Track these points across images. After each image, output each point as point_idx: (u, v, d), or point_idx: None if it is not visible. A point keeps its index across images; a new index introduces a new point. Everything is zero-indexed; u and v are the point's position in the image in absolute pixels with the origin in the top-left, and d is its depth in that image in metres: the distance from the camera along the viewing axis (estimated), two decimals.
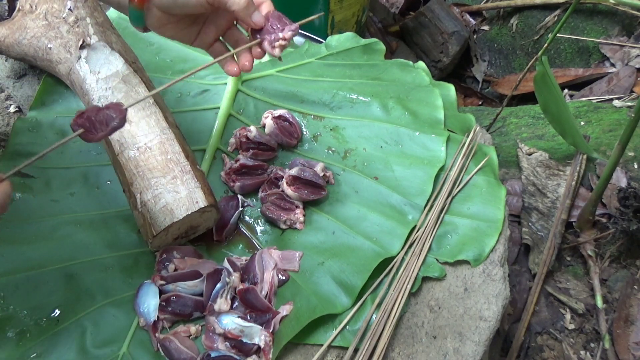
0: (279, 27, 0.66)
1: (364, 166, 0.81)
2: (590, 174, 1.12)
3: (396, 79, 0.93)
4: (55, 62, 0.85)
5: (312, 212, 0.78)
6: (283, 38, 0.66)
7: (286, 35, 0.66)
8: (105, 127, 0.59)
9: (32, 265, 0.71)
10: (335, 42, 1.00)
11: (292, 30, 0.66)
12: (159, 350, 0.67)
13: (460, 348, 0.68)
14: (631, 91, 1.43)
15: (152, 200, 0.70)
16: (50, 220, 0.76)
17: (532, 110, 1.33)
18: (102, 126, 0.59)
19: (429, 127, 0.84)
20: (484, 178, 0.81)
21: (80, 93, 0.83)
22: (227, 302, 0.69)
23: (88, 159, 0.83)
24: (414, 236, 0.75)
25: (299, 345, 0.67)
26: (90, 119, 0.59)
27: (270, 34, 0.66)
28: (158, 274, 0.71)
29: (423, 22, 1.82)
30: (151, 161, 0.72)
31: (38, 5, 0.89)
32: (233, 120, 0.88)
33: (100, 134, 0.59)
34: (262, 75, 0.92)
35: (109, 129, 0.59)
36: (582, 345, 0.99)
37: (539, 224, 1.08)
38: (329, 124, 0.86)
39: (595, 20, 1.61)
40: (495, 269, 0.74)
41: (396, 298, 0.70)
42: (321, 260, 0.73)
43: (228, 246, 0.77)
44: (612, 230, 1.03)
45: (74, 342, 0.66)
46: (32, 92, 0.97)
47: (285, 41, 0.66)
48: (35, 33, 0.87)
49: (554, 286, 1.05)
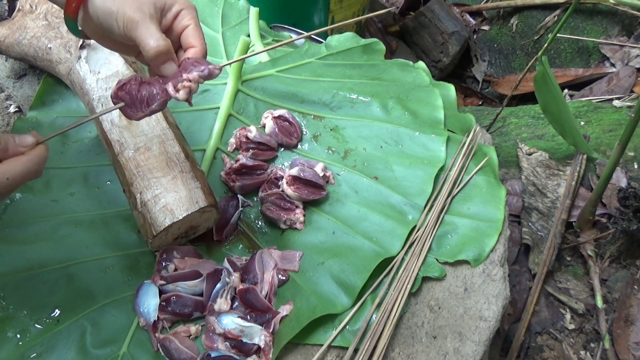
0: (190, 69, 0.59)
1: (364, 166, 0.81)
2: (590, 174, 1.12)
3: (396, 79, 0.93)
4: (55, 62, 0.85)
5: (312, 212, 0.78)
6: (187, 79, 0.59)
7: (191, 77, 0.58)
8: (145, 107, 0.57)
9: (32, 265, 0.71)
10: (335, 42, 1.00)
11: (200, 70, 0.58)
12: (159, 350, 0.67)
13: (460, 348, 0.68)
14: (631, 91, 1.43)
15: (152, 200, 0.70)
16: (50, 220, 0.76)
17: (532, 110, 1.33)
18: (142, 105, 0.57)
19: (429, 127, 0.84)
20: (484, 178, 0.81)
21: (80, 93, 0.83)
22: (227, 302, 0.69)
23: (88, 159, 0.83)
24: (414, 236, 0.75)
25: (299, 345, 0.67)
26: (132, 94, 0.57)
27: (176, 77, 0.59)
28: (158, 274, 0.71)
29: (423, 22, 1.82)
30: (151, 161, 0.72)
31: (38, 5, 0.89)
32: (233, 120, 0.88)
33: (140, 114, 0.57)
34: (262, 75, 0.92)
35: (149, 110, 0.57)
36: (582, 345, 0.99)
37: (539, 224, 1.08)
38: (329, 124, 0.86)
39: (595, 20, 1.61)
40: (495, 269, 0.74)
41: (396, 298, 0.70)
42: (321, 260, 0.73)
43: (228, 246, 0.77)
44: (612, 230, 1.03)
45: (74, 342, 0.66)
46: (32, 92, 0.97)
47: (190, 82, 0.59)
48: (35, 33, 0.87)
49: (554, 286, 1.05)
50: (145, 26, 0.57)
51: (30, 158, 0.54)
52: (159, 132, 0.75)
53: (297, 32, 1.21)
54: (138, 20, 0.57)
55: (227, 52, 0.97)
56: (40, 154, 0.56)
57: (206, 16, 1.03)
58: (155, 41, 0.58)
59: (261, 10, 1.02)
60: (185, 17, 0.61)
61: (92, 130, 0.85)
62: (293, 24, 1.26)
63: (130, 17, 0.57)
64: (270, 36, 1.08)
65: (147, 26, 0.58)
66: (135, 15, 0.57)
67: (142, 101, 0.57)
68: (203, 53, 0.61)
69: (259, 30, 1.00)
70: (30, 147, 0.55)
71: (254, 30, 1.00)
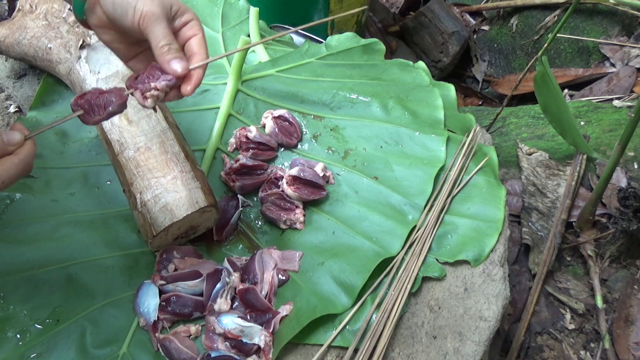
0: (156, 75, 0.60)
1: (364, 166, 0.81)
2: (590, 174, 1.12)
3: (396, 79, 0.93)
4: (55, 62, 0.85)
5: (312, 212, 0.78)
6: (155, 88, 0.59)
7: (158, 85, 0.59)
8: (103, 110, 0.59)
9: (32, 265, 0.71)
10: (335, 42, 1.00)
11: (167, 80, 0.59)
12: (159, 350, 0.67)
13: (460, 348, 0.68)
14: (631, 91, 1.43)
15: (152, 200, 0.70)
16: (50, 220, 0.76)
17: (532, 110, 1.33)
18: (100, 110, 0.59)
19: (429, 127, 0.84)
20: (484, 178, 0.81)
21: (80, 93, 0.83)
22: (227, 302, 0.69)
23: (88, 159, 0.83)
24: (414, 236, 0.75)
25: (299, 345, 0.67)
26: (90, 102, 0.59)
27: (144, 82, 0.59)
28: (158, 274, 0.71)
29: (423, 22, 1.82)
30: (151, 161, 0.72)
31: (38, 5, 0.89)
32: (233, 120, 0.88)
33: (97, 117, 0.59)
34: (262, 75, 0.92)
35: (106, 113, 0.59)
36: (582, 345, 0.99)
37: (539, 224, 1.08)
38: (329, 124, 0.86)
39: (595, 20, 1.61)
40: (495, 269, 0.74)
41: (396, 298, 0.70)
42: (321, 260, 0.73)
43: (228, 246, 0.77)
44: (612, 230, 1.03)
45: (74, 342, 0.66)
46: (32, 92, 0.97)
47: (157, 91, 0.59)
48: (35, 33, 0.87)
49: (554, 286, 1.05)
50: (163, 23, 0.59)
51: (21, 158, 0.54)
52: (159, 132, 0.75)
53: (297, 33, 1.21)
54: (158, 15, 0.58)
55: (227, 52, 0.97)
56: (29, 151, 0.55)
57: (206, 16, 1.03)
58: (170, 40, 0.59)
59: (261, 10, 1.02)
60: (195, 27, 0.63)
61: (92, 130, 0.85)
62: (293, 24, 1.26)
63: (150, 10, 0.58)
64: (270, 36, 1.08)
65: (164, 24, 0.59)
66: (155, 10, 0.58)
67: (100, 106, 0.59)
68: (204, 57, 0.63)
69: (259, 30, 1.00)
70: (19, 145, 0.55)
71: (254, 30, 0.99)
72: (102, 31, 0.64)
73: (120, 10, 0.59)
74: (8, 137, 0.54)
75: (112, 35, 0.64)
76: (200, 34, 0.63)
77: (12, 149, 0.54)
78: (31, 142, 0.56)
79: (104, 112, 0.59)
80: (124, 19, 0.59)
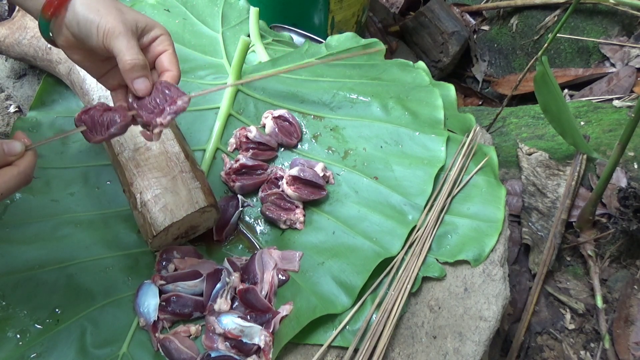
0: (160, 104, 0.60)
1: (364, 166, 0.81)
2: (590, 174, 1.12)
3: (396, 79, 0.93)
4: (55, 62, 0.85)
5: (312, 212, 0.78)
6: (160, 124, 0.60)
7: (164, 122, 0.60)
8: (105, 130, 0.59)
9: (32, 265, 0.71)
10: (335, 42, 1.00)
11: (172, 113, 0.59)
12: (159, 350, 0.67)
13: (460, 348, 0.68)
14: (631, 91, 1.43)
15: (152, 200, 0.70)
16: (50, 220, 0.76)
17: (532, 110, 1.33)
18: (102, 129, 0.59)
19: (429, 127, 0.84)
20: (484, 178, 0.81)
21: (80, 93, 0.83)
22: (227, 302, 0.69)
23: (88, 159, 0.83)
24: (414, 236, 0.75)
25: (299, 345, 0.67)
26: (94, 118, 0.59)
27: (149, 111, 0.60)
28: (158, 274, 0.71)
29: (423, 22, 1.82)
30: (151, 161, 0.72)
31: None
32: (233, 120, 0.88)
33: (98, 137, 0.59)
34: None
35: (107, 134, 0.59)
36: (582, 345, 0.99)
37: (539, 224, 1.08)
38: (329, 124, 0.86)
39: (595, 20, 1.61)
40: (495, 269, 0.74)
41: (396, 298, 0.70)
42: (321, 260, 0.73)
43: (228, 246, 0.77)
44: (612, 230, 1.03)
45: (74, 342, 0.66)
46: (32, 92, 0.97)
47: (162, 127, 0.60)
48: (35, 33, 0.87)
49: (554, 286, 1.05)
50: (126, 38, 0.58)
51: (21, 170, 0.54)
52: None
53: (297, 32, 1.21)
54: (120, 31, 0.57)
55: (227, 52, 0.97)
56: (30, 162, 0.55)
57: (206, 16, 1.03)
58: (134, 54, 0.58)
59: (261, 10, 1.02)
60: (164, 42, 0.62)
61: None
62: (293, 24, 1.26)
63: (113, 27, 0.57)
64: (270, 36, 1.08)
65: (128, 39, 0.58)
66: (118, 26, 0.57)
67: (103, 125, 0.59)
68: (177, 79, 0.62)
69: (259, 30, 1.00)
70: (20, 155, 0.54)
71: (254, 30, 1.00)
72: (71, 51, 0.63)
73: (85, 30, 0.58)
74: (9, 147, 0.54)
75: (81, 54, 0.63)
76: (171, 49, 0.62)
77: (13, 160, 0.54)
78: (32, 152, 0.56)
79: (105, 133, 0.59)
80: (89, 38, 0.58)
